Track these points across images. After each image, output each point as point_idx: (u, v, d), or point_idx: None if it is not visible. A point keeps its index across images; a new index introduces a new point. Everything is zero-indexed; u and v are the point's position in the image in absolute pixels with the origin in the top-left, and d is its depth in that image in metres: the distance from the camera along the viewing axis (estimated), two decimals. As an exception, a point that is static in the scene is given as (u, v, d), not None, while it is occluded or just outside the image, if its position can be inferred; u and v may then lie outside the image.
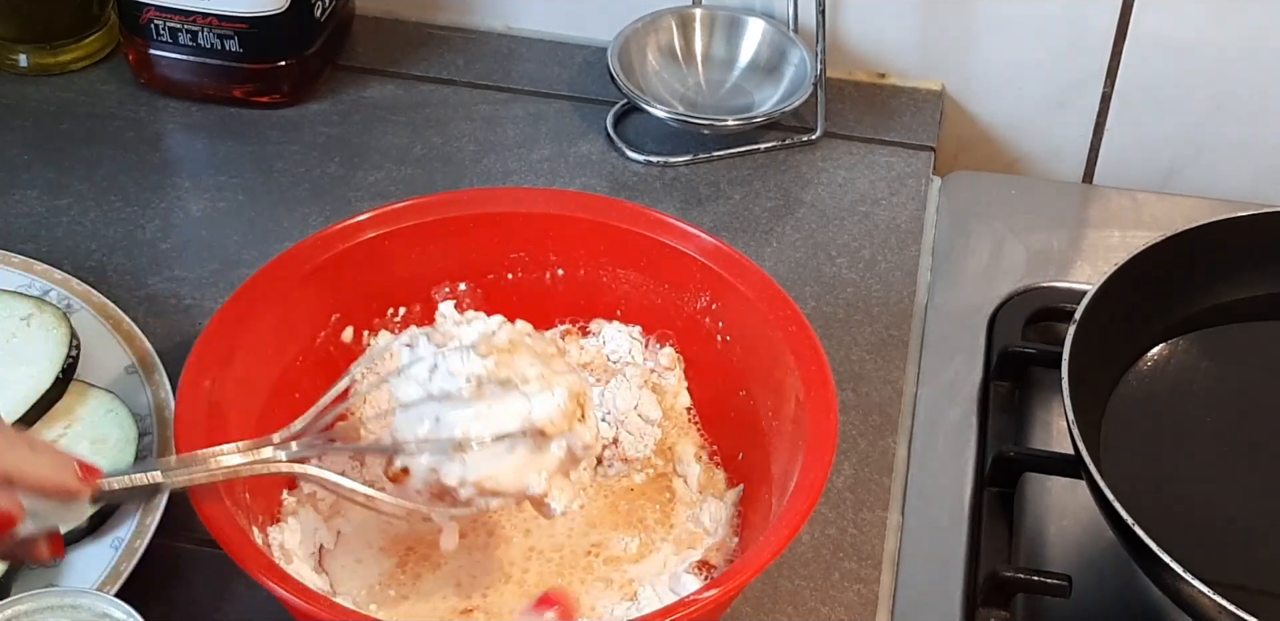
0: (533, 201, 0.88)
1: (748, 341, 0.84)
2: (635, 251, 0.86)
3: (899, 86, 1.19)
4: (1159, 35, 1.12)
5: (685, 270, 0.85)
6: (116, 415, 0.88)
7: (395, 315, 0.88)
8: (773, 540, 0.73)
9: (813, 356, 0.80)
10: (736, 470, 0.85)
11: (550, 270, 0.88)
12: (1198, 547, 0.85)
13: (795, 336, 0.81)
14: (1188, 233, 0.95)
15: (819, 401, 0.78)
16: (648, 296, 0.88)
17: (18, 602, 0.74)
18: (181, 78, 1.13)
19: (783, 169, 1.12)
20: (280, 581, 0.71)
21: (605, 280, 0.88)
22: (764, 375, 0.82)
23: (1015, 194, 1.13)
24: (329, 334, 0.86)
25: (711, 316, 0.86)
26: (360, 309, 0.86)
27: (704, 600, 0.70)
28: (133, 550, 0.83)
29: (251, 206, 1.07)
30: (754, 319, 0.83)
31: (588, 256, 0.88)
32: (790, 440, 0.78)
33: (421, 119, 1.14)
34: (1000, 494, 0.94)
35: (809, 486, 0.74)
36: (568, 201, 0.88)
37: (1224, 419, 0.95)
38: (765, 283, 0.83)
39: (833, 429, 0.76)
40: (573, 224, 0.87)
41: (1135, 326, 0.96)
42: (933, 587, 0.89)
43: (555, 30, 1.21)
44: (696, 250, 0.85)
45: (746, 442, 0.84)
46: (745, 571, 0.72)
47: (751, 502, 0.83)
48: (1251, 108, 1.15)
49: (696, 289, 0.85)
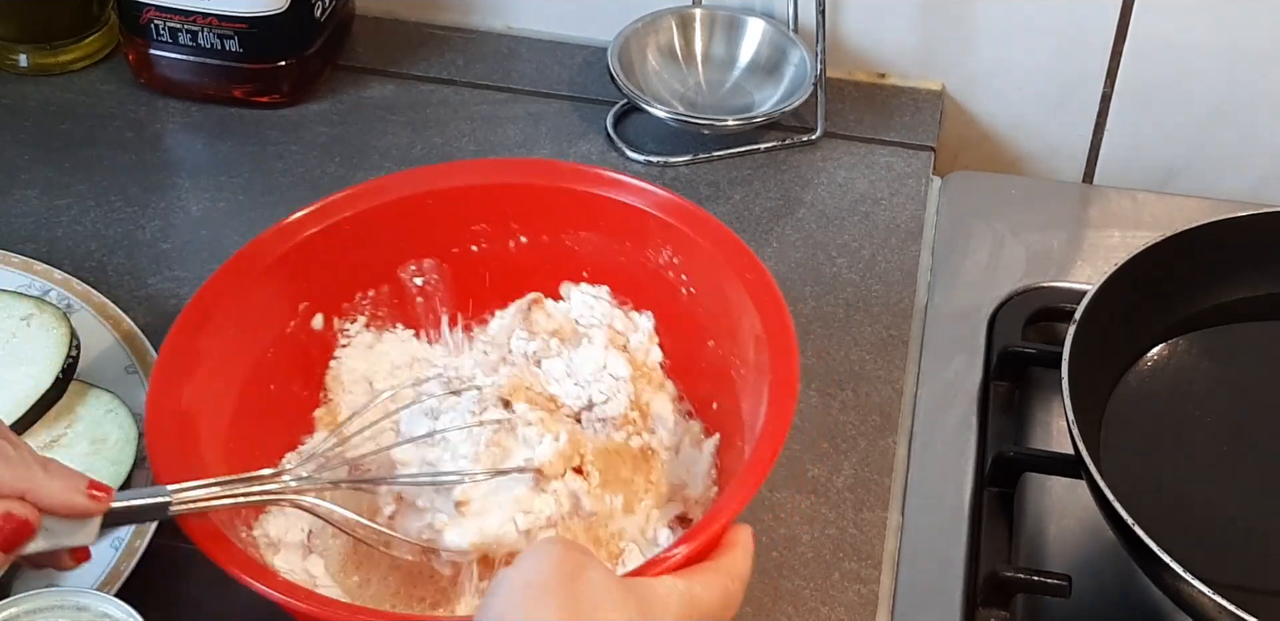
0: (488, 172, 0.88)
1: (710, 291, 0.84)
2: (594, 212, 0.87)
3: (899, 86, 1.19)
4: (1159, 35, 1.12)
5: (644, 226, 0.86)
6: (116, 415, 0.88)
7: (364, 298, 0.88)
8: (739, 490, 0.73)
9: (771, 300, 0.80)
10: (711, 419, 0.85)
11: (513, 238, 0.88)
12: (1198, 547, 0.85)
13: (753, 283, 0.81)
14: (1188, 233, 0.95)
15: (779, 344, 0.78)
16: (611, 256, 0.88)
17: (18, 602, 0.74)
18: (181, 78, 1.13)
19: (783, 169, 1.12)
20: (259, 577, 0.70)
21: (568, 244, 0.88)
22: (728, 323, 0.83)
23: (1015, 194, 1.13)
24: (299, 323, 0.86)
25: (674, 270, 0.86)
26: (328, 295, 0.87)
27: (675, 557, 0.70)
28: (133, 550, 0.83)
29: (251, 206, 1.07)
30: (714, 269, 0.83)
31: (548, 222, 0.88)
32: (754, 384, 0.79)
33: (421, 119, 1.14)
34: (1000, 494, 0.94)
35: (773, 430, 0.74)
36: (523, 169, 0.88)
37: (1224, 419, 0.95)
38: (722, 232, 0.84)
39: (793, 370, 0.77)
40: (530, 191, 0.87)
41: (1135, 326, 0.96)
42: (933, 587, 0.89)
43: (555, 30, 1.21)
44: (653, 205, 0.85)
45: (719, 392, 0.84)
46: (713, 524, 0.72)
47: (727, 451, 0.83)
48: (1251, 108, 1.15)
49: (658, 244, 0.86)
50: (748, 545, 0.74)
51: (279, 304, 0.85)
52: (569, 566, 0.64)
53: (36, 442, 0.87)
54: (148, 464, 0.86)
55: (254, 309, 0.83)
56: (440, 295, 0.89)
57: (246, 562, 0.72)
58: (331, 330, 0.87)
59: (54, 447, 0.87)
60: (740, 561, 0.73)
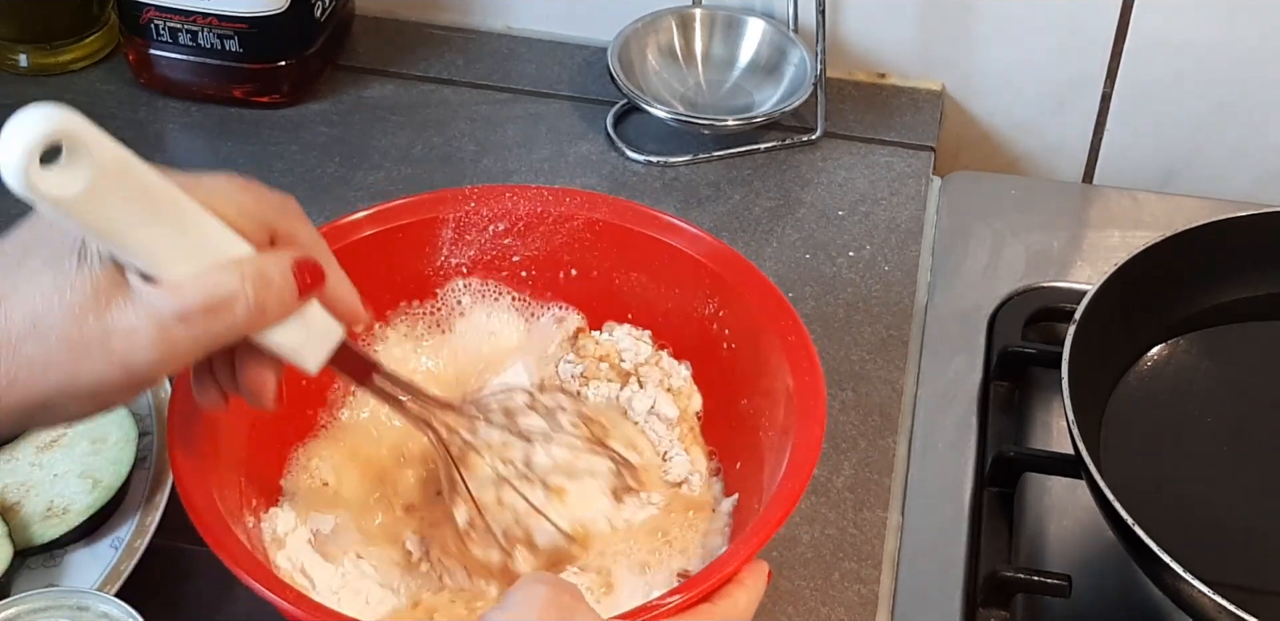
0: (548, 200, 0.87)
1: (749, 350, 0.83)
2: (646, 254, 0.86)
3: (899, 86, 1.19)
4: (1159, 35, 1.12)
5: (693, 274, 0.85)
6: (116, 415, 0.88)
7: (408, 307, 0.88)
8: (743, 546, 0.72)
9: (809, 368, 0.79)
10: (733, 480, 0.85)
11: (564, 270, 0.88)
12: (1198, 547, 0.85)
13: (794, 346, 0.80)
14: (1188, 233, 0.95)
15: (808, 414, 0.77)
16: (658, 300, 0.87)
17: (18, 602, 0.74)
18: (181, 78, 1.13)
19: (783, 169, 1.12)
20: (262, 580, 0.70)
21: (618, 282, 0.88)
22: (764, 384, 0.82)
23: (1015, 194, 1.13)
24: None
25: (718, 323, 0.85)
26: (371, 301, 0.86)
27: (667, 606, 0.70)
28: (133, 550, 0.83)
29: (251, 206, 1.07)
30: (756, 326, 0.82)
31: (600, 258, 0.87)
32: (779, 447, 0.78)
33: (421, 119, 1.14)
34: (1000, 494, 0.94)
35: (788, 492, 0.74)
36: (581, 201, 0.87)
37: (1224, 419, 0.95)
38: (768, 289, 0.83)
39: (817, 442, 0.76)
40: (587, 225, 0.87)
41: (1135, 326, 0.96)
42: (933, 587, 0.89)
43: (555, 30, 1.21)
44: (704, 254, 0.85)
45: (744, 453, 0.83)
46: (710, 578, 0.71)
47: (743, 513, 0.82)
48: (1252, 108, 1.15)
49: (705, 294, 0.85)
50: (755, 587, 0.73)
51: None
52: (557, 609, 0.64)
53: (36, 442, 0.87)
54: (148, 463, 0.87)
55: None
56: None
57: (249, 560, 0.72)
58: (371, 334, 0.87)
59: (54, 447, 0.87)
60: (742, 603, 0.72)
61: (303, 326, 0.69)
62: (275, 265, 0.66)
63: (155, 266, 0.62)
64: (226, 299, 0.64)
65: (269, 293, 0.65)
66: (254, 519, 0.79)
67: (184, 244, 0.63)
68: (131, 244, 0.62)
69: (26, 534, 0.83)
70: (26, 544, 0.83)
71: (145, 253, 0.62)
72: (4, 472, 0.86)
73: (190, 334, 0.63)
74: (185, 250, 0.63)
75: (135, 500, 0.85)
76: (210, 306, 0.63)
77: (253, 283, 0.64)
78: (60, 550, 0.84)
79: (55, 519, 0.83)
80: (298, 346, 0.69)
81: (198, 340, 0.63)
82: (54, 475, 0.85)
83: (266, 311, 0.65)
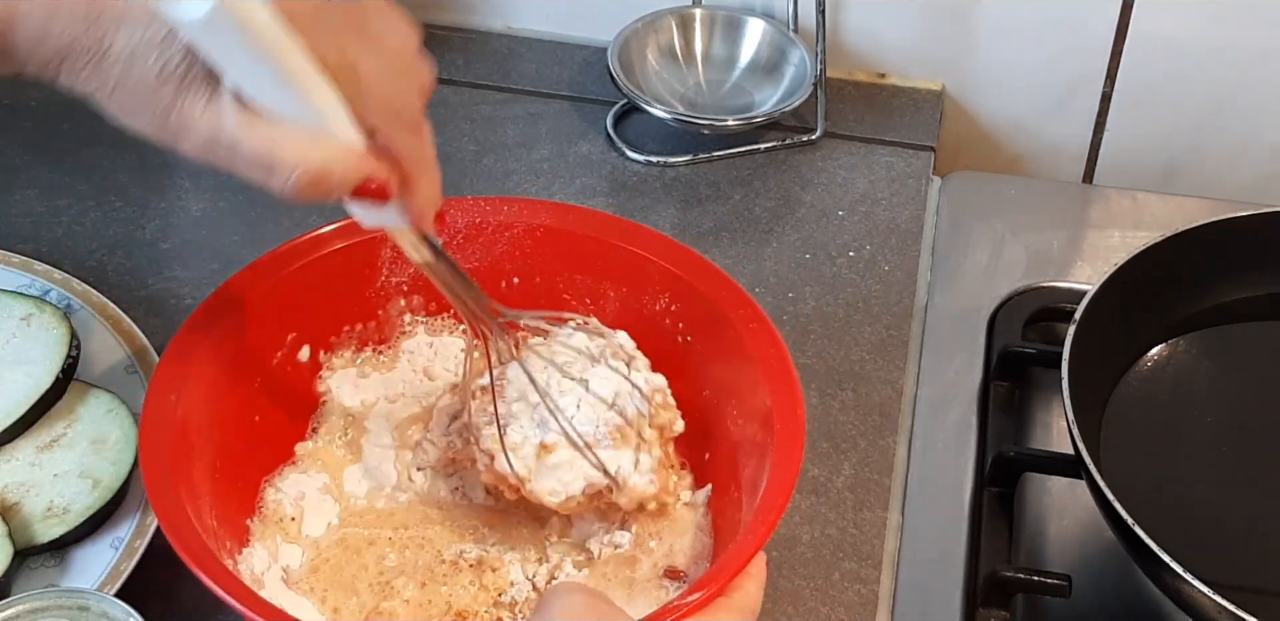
0: (481, 210, 0.87)
1: (708, 340, 0.83)
2: (590, 255, 0.86)
3: (899, 86, 1.19)
4: (1159, 35, 1.12)
5: (641, 270, 0.85)
6: (116, 415, 0.88)
7: (351, 331, 0.87)
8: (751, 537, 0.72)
9: (775, 351, 0.79)
10: (703, 471, 0.85)
11: (506, 279, 0.87)
12: (1198, 547, 0.85)
13: (756, 333, 0.80)
14: (1188, 233, 0.95)
15: (786, 398, 0.77)
16: (604, 300, 0.87)
17: (18, 602, 0.74)
18: (181, 78, 1.13)
19: (783, 169, 1.12)
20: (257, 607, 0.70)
21: (561, 285, 0.87)
22: (727, 374, 0.82)
23: (1015, 194, 1.13)
24: (285, 354, 0.85)
25: (670, 317, 0.85)
26: (316, 328, 0.86)
27: (689, 604, 0.70)
28: (133, 550, 0.83)
29: (251, 206, 1.07)
30: (714, 318, 0.82)
31: (542, 263, 0.87)
32: (758, 436, 0.78)
33: (421, 119, 1.14)
34: (1000, 494, 0.94)
35: (781, 483, 0.74)
36: (520, 209, 0.87)
37: (1224, 419, 0.95)
38: (723, 281, 0.83)
39: (801, 423, 0.76)
40: (527, 232, 0.86)
41: (1135, 326, 0.96)
42: (933, 587, 0.89)
43: (555, 30, 1.21)
44: (653, 251, 0.84)
45: (712, 443, 0.84)
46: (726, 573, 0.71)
47: (721, 502, 0.82)
48: (1251, 107, 1.15)
49: (655, 290, 0.85)
50: (760, 575, 0.73)
51: (267, 334, 0.84)
52: (595, 615, 0.64)
53: (36, 442, 0.87)
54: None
55: (242, 339, 0.82)
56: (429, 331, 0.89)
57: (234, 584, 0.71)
58: (316, 361, 0.87)
59: (54, 447, 0.87)
60: (753, 594, 0.72)
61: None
62: (342, 164, 0.66)
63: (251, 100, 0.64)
64: (274, 164, 0.64)
65: (314, 186, 0.65)
66: (231, 561, 0.78)
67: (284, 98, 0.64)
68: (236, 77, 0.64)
69: (27, 534, 0.83)
70: (27, 544, 0.83)
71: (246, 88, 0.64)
72: (4, 472, 0.86)
73: (218, 160, 0.65)
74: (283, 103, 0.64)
75: (135, 500, 0.85)
76: (256, 161, 0.64)
77: (307, 168, 0.65)
78: (60, 550, 0.84)
79: (55, 519, 0.83)
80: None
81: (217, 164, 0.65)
82: (54, 475, 0.85)
83: (299, 194, 0.66)
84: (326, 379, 0.87)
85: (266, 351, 0.84)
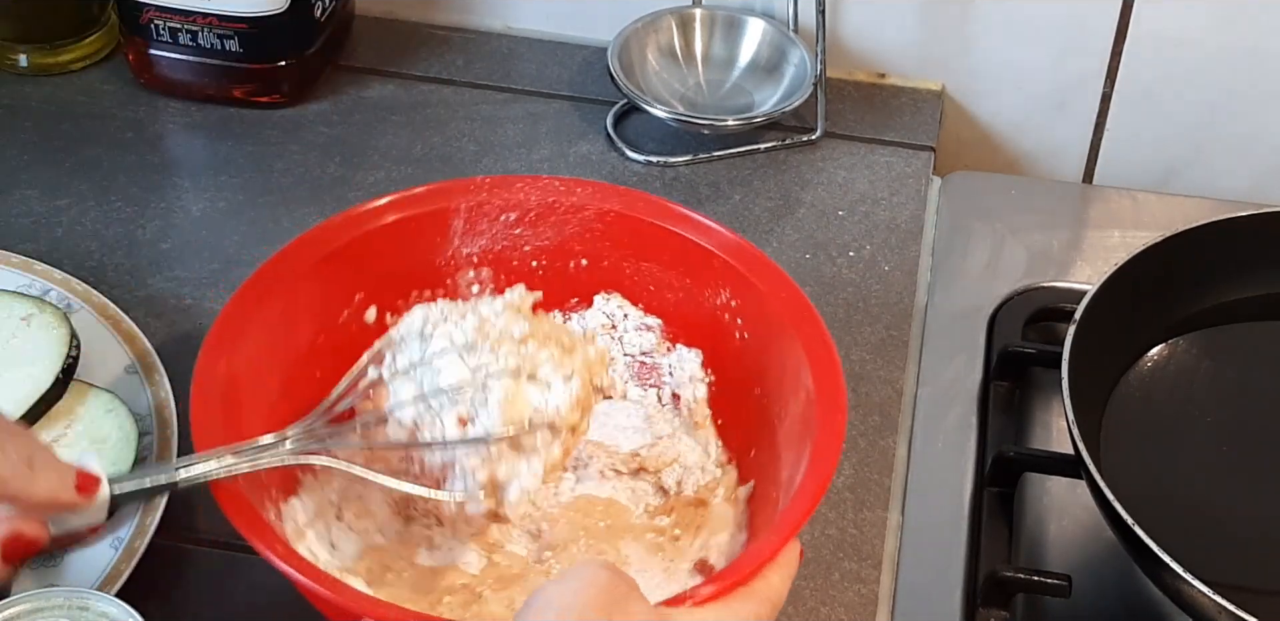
0: (554, 190, 0.87)
1: (764, 339, 0.84)
2: (658, 244, 0.86)
3: (899, 86, 1.19)
4: (1159, 35, 1.12)
5: (706, 265, 0.85)
6: (116, 415, 0.88)
7: (420, 297, 0.87)
8: (775, 535, 0.73)
9: (826, 356, 0.79)
10: (748, 468, 0.85)
11: (574, 259, 0.88)
12: (1198, 547, 0.85)
13: (810, 336, 0.81)
14: (1188, 233, 0.95)
15: (829, 401, 0.77)
16: (669, 290, 0.88)
17: (18, 602, 0.74)
18: (181, 78, 1.13)
19: (783, 169, 1.12)
20: (296, 565, 0.70)
21: (628, 272, 0.88)
22: (778, 373, 0.82)
23: (1015, 194, 1.13)
24: (352, 313, 0.85)
25: (730, 313, 0.86)
26: (385, 290, 0.86)
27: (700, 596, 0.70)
28: (133, 550, 0.83)
29: (251, 206, 1.07)
30: (770, 316, 0.83)
31: (612, 247, 0.88)
32: (798, 439, 0.78)
33: (421, 119, 1.14)
34: (1000, 494, 0.94)
35: (812, 487, 0.74)
36: (593, 192, 0.88)
37: (1224, 419, 0.95)
38: (782, 280, 0.84)
39: (840, 429, 0.76)
40: (598, 215, 0.87)
41: (1135, 326, 0.96)
42: (933, 587, 0.89)
43: (555, 30, 1.21)
44: (717, 245, 0.85)
45: (758, 440, 0.84)
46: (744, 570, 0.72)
47: (760, 501, 0.83)
48: (1251, 107, 1.15)
49: (717, 284, 0.86)
50: (789, 567, 0.73)
51: (336, 291, 0.84)
52: (612, 595, 0.63)
53: (36, 442, 0.87)
54: (147, 463, 0.87)
55: (311, 293, 0.83)
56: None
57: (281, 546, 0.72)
58: (383, 324, 0.86)
59: (54, 448, 0.87)
60: (776, 585, 0.72)
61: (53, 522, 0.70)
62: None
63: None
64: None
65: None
66: (274, 508, 0.78)
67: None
68: None
69: (26, 534, 0.83)
70: (26, 544, 0.83)
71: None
72: (4, 472, 0.85)
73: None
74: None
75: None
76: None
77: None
78: (60, 550, 0.84)
79: (55, 519, 0.83)
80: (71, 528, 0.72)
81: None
82: (54, 475, 0.85)
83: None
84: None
85: (334, 308, 0.84)
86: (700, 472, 0.85)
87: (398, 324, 0.79)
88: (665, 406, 0.88)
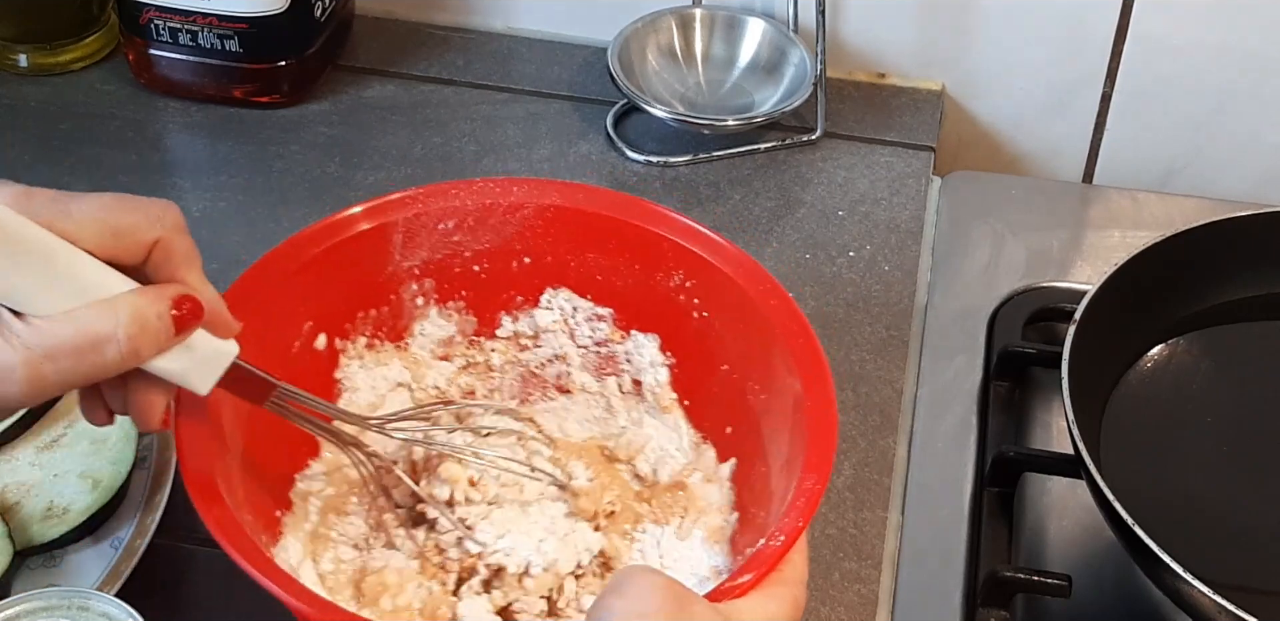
0: (489, 192, 0.87)
1: (727, 316, 0.83)
2: (601, 233, 0.85)
3: (899, 86, 1.19)
4: (1159, 35, 1.12)
5: (656, 249, 0.84)
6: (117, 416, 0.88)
7: (366, 317, 0.87)
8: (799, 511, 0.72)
9: (798, 327, 0.79)
10: (726, 445, 0.85)
11: (517, 259, 0.87)
12: (1198, 547, 0.85)
13: (778, 309, 0.80)
14: (1188, 233, 0.95)
15: (810, 368, 0.77)
16: (618, 277, 0.86)
17: (18, 602, 0.74)
18: (181, 78, 1.13)
19: (783, 169, 1.12)
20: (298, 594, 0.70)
21: (574, 264, 0.87)
22: (747, 348, 0.82)
23: (1015, 194, 1.13)
24: (303, 343, 0.84)
25: (686, 293, 0.85)
26: (331, 315, 0.86)
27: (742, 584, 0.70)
28: (133, 550, 0.83)
29: (251, 206, 1.07)
30: (732, 294, 0.82)
31: (553, 242, 0.86)
32: (787, 413, 0.78)
33: (421, 119, 1.14)
34: (1000, 494, 0.94)
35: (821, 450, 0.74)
36: (529, 189, 0.86)
37: (1224, 419, 0.95)
38: (740, 257, 0.83)
39: (830, 396, 0.76)
40: (537, 212, 0.86)
41: (1135, 326, 0.96)
42: (933, 587, 0.89)
43: (555, 30, 1.21)
44: (667, 229, 0.84)
45: (733, 417, 0.83)
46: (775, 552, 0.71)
47: (749, 476, 0.82)
48: (1251, 108, 1.15)
49: (669, 267, 0.85)
50: (803, 547, 0.73)
51: (284, 323, 0.83)
52: (676, 598, 0.63)
53: (36, 443, 0.87)
54: (148, 463, 0.87)
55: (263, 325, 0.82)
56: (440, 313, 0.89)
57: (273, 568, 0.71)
58: (333, 350, 0.87)
59: (54, 448, 0.87)
60: (800, 566, 0.72)
61: (187, 352, 0.68)
62: (152, 306, 0.65)
63: (24, 306, 0.62)
64: (97, 340, 0.63)
65: (143, 335, 0.65)
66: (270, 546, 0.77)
67: (54, 284, 0.63)
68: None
69: (26, 534, 0.83)
70: (26, 544, 0.83)
71: (11, 294, 0.62)
72: (4, 472, 0.86)
73: (58, 371, 0.62)
74: (56, 290, 0.63)
75: (135, 500, 0.85)
76: (80, 347, 0.63)
77: (126, 325, 0.64)
78: (60, 550, 0.84)
79: (55, 519, 0.83)
80: (185, 371, 0.69)
81: (66, 378, 0.63)
82: (54, 475, 0.85)
83: (140, 352, 0.65)
84: (345, 366, 0.86)
85: (286, 341, 0.84)
86: (676, 455, 0.85)
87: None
88: (627, 394, 0.88)
